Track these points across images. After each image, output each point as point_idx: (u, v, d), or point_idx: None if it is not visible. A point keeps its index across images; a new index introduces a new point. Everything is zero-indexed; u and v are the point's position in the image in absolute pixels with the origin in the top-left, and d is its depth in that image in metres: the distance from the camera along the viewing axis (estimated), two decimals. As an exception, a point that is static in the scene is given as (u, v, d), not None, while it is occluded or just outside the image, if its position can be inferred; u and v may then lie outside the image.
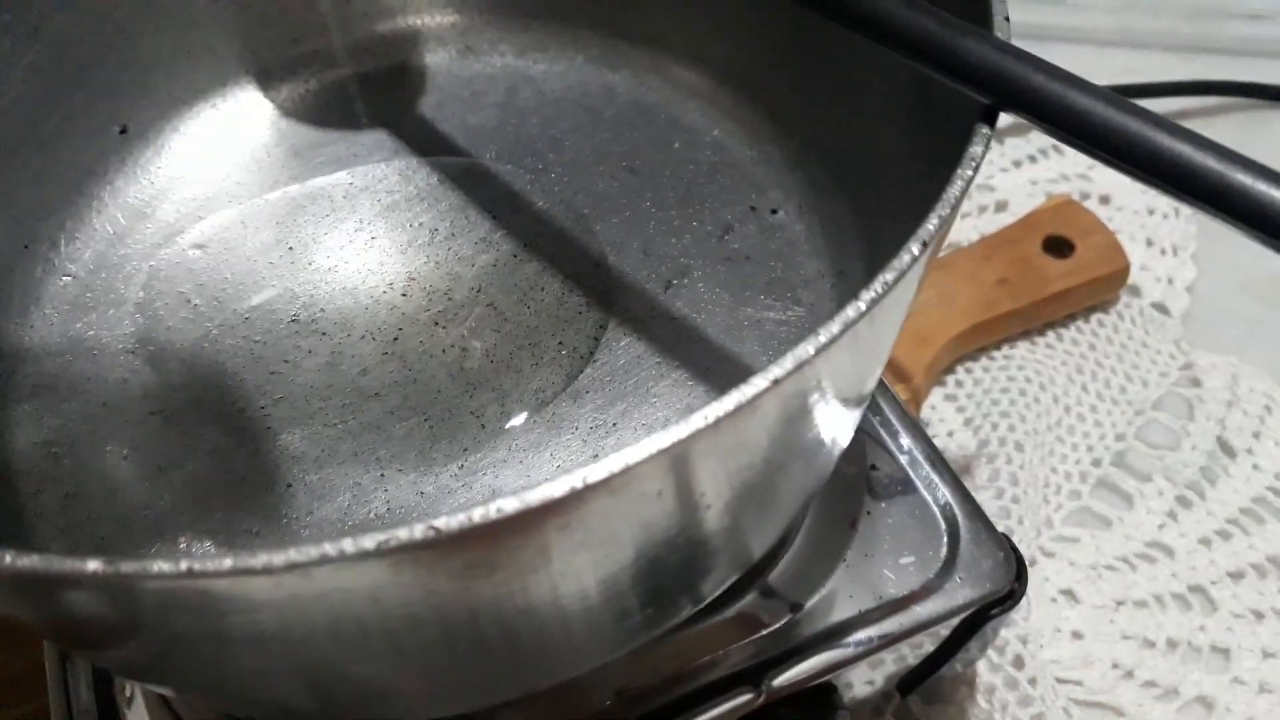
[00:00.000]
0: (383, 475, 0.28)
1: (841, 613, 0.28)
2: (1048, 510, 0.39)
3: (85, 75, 0.33)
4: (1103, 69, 0.52)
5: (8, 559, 0.14)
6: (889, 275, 0.17)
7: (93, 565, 0.14)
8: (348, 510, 0.27)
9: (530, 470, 0.28)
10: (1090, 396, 0.42)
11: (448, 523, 0.14)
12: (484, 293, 0.31)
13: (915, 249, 0.17)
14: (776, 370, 0.17)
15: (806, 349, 0.17)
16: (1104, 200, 0.48)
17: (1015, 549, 0.30)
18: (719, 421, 0.16)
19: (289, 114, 0.36)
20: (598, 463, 0.15)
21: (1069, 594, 0.37)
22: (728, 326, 0.30)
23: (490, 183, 0.34)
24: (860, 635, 0.28)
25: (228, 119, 0.36)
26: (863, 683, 0.33)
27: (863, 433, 0.32)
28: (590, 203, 0.33)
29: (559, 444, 0.28)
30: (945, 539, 0.30)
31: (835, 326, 0.17)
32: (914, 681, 0.32)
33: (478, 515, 0.14)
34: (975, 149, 0.19)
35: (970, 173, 0.19)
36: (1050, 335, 0.44)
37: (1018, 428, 0.40)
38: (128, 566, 0.14)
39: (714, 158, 0.34)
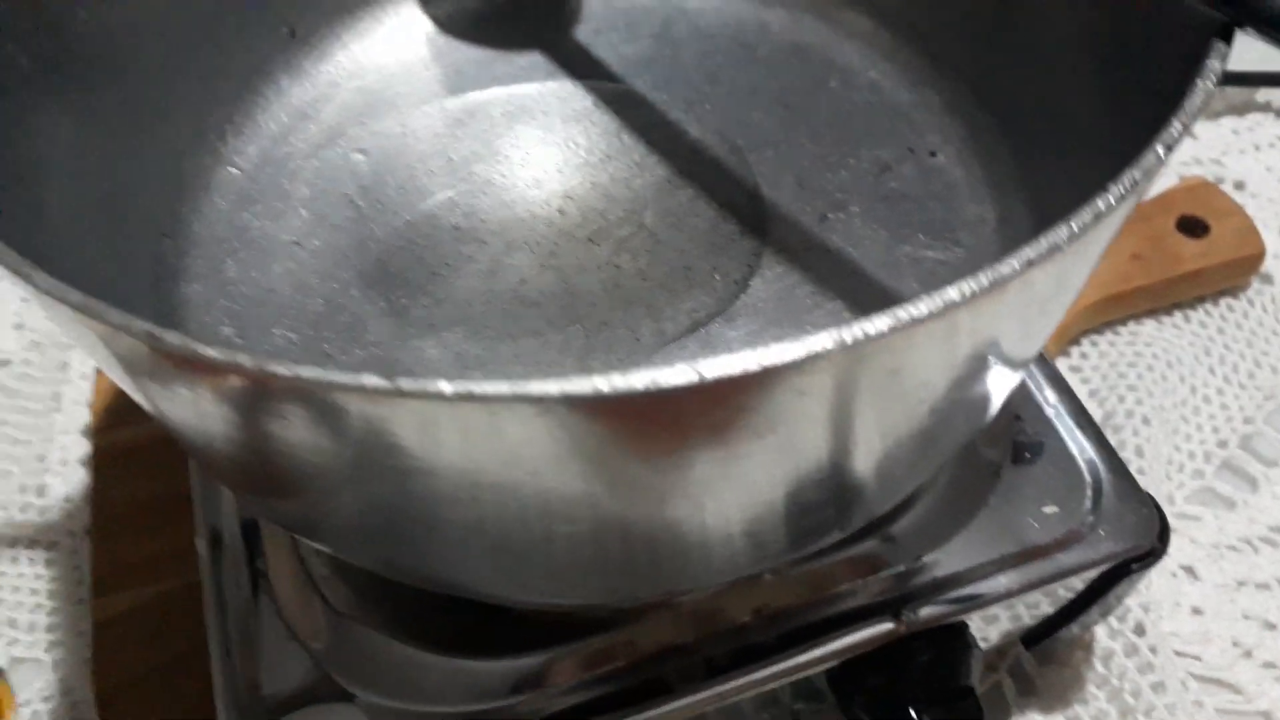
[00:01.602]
0: (540, 380, 0.28)
1: (984, 554, 0.28)
2: (1170, 487, 0.38)
3: (261, -25, 0.33)
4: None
5: (287, 370, 0.14)
6: (1127, 180, 0.17)
7: (370, 380, 0.14)
8: (508, 407, 0.27)
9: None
10: (1217, 379, 0.41)
11: (709, 368, 0.14)
12: (638, 215, 0.32)
13: (1160, 151, 0.17)
14: (999, 269, 0.16)
15: (1011, 263, 0.17)
16: (1239, 186, 0.48)
17: (1159, 507, 0.29)
18: (943, 311, 0.16)
19: (447, 30, 0.37)
20: (854, 323, 0.15)
21: (1189, 570, 0.36)
22: (885, 263, 0.30)
23: (645, 110, 0.34)
24: (1002, 578, 0.28)
25: (389, 31, 0.36)
26: (979, 638, 0.33)
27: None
28: (744, 135, 0.33)
29: (713, 363, 0.28)
30: (1090, 491, 0.29)
31: (1045, 242, 0.17)
32: (1038, 636, 0.32)
33: (738, 364, 0.14)
34: (1214, 62, 0.19)
35: (1211, 84, 0.18)
36: (1178, 315, 0.43)
37: (1145, 402, 0.39)
38: (408, 384, 0.14)
39: (871, 98, 0.34)
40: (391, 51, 0.36)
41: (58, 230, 0.24)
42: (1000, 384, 0.23)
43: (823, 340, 0.15)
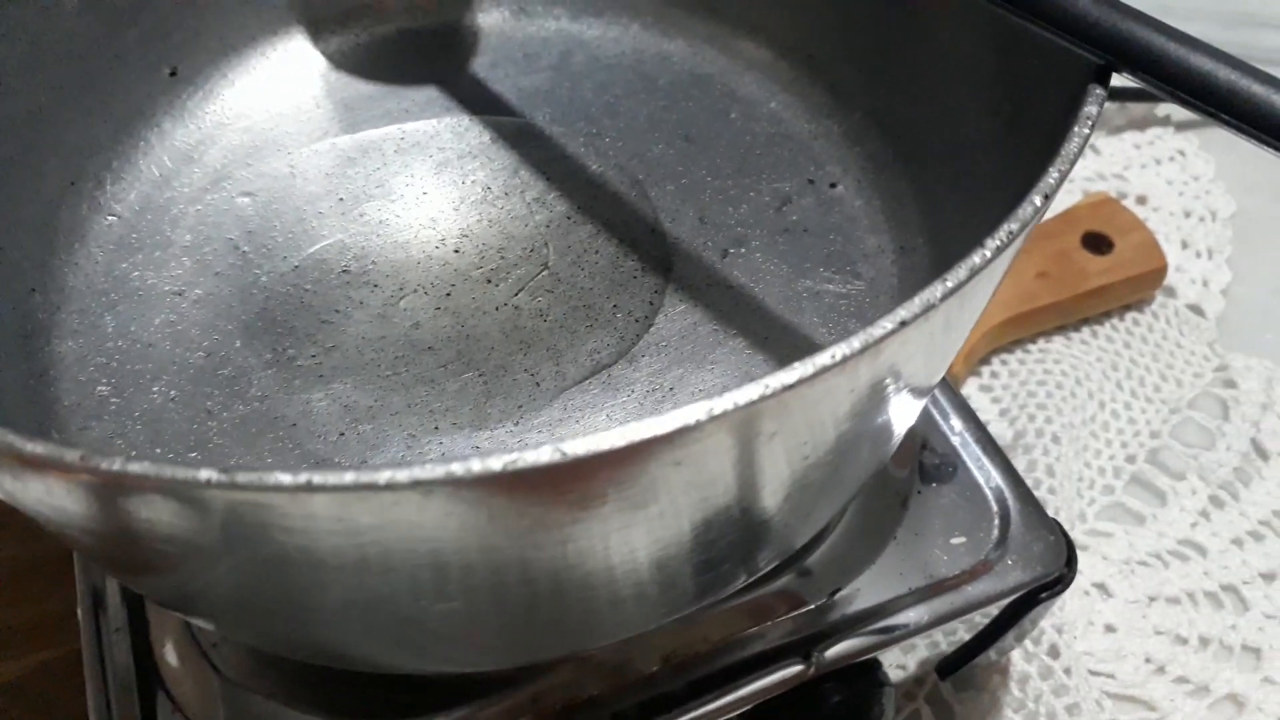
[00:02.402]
0: (437, 428, 0.27)
1: (892, 589, 0.28)
2: (1081, 504, 0.39)
3: (139, 13, 0.32)
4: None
5: (115, 465, 0.13)
6: (1004, 234, 0.17)
7: (206, 474, 0.13)
8: (401, 460, 0.26)
9: (586, 430, 0.27)
10: (1125, 394, 0.42)
11: (574, 447, 0.14)
12: (537, 253, 0.31)
13: (1037, 201, 0.17)
14: (872, 332, 0.16)
15: (902, 313, 0.17)
16: (1140, 200, 0.48)
17: (1066, 534, 0.29)
18: (813, 376, 0.16)
19: (339, 66, 0.36)
20: (725, 395, 0.14)
21: (1102, 588, 0.37)
22: (786, 297, 0.30)
23: (544, 144, 0.34)
24: (911, 613, 0.28)
25: (277, 68, 0.35)
26: (894, 666, 0.32)
27: (914, 412, 0.32)
28: (645, 169, 0.33)
29: (615, 405, 0.28)
30: (997, 521, 0.29)
31: (936, 291, 0.17)
32: (952, 666, 0.32)
33: (604, 441, 0.14)
34: (1090, 109, 0.19)
35: (1087, 131, 0.18)
36: (1085, 331, 0.44)
37: (1054, 420, 0.39)
38: (244, 477, 0.13)
39: (771, 130, 0.34)
40: (280, 89, 0.35)
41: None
42: (900, 418, 0.22)
43: (693, 413, 0.14)
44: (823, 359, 0.15)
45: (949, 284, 0.16)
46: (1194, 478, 0.39)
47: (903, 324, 0.15)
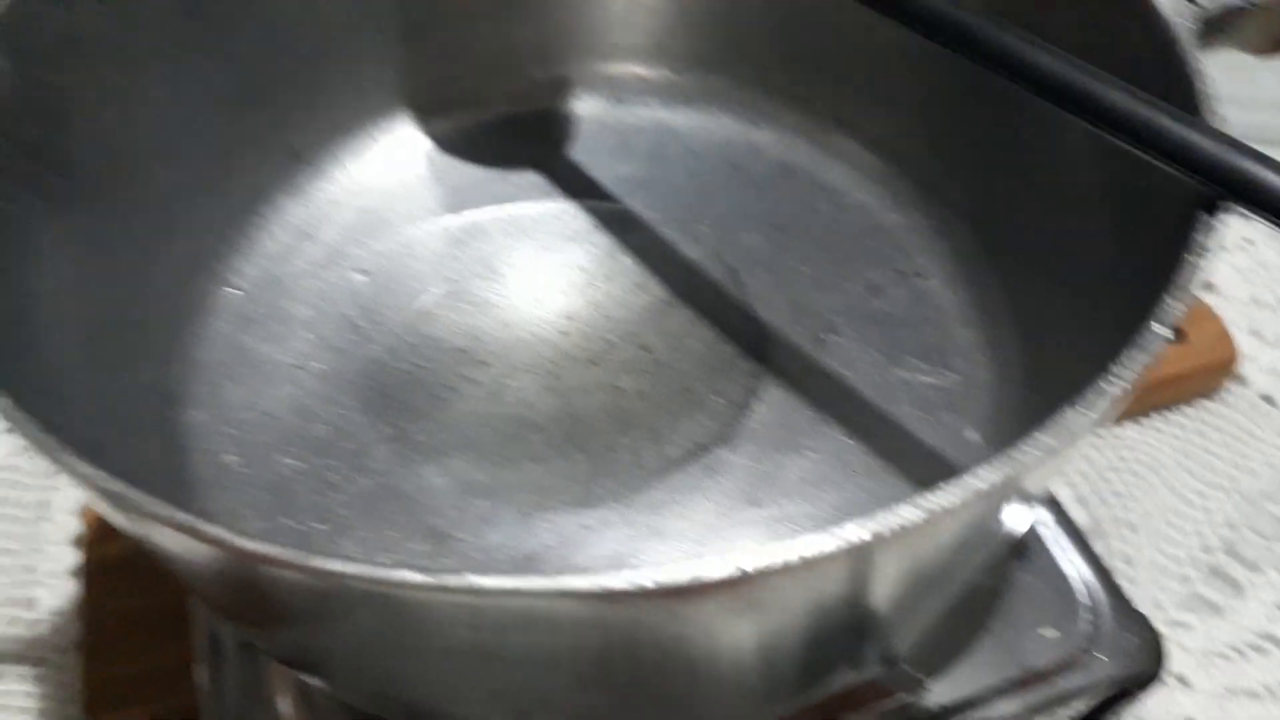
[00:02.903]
0: (546, 505, 0.28)
1: (986, 680, 0.28)
2: (1159, 594, 0.39)
3: (265, 98, 0.34)
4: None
5: (275, 552, 0.15)
6: (1119, 379, 0.18)
7: (351, 568, 0.14)
8: (515, 538, 0.27)
9: (690, 513, 0.28)
10: (1199, 483, 0.42)
11: (753, 561, 0.15)
12: (638, 336, 0.32)
13: (1163, 331, 0.18)
14: (1019, 458, 0.17)
15: (1026, 451, 0.17)
16: (1208, 288, 0.49)
17: (1154, 629, 0.30)
18: (971, 501, 0.16)
19: (445, 149, 0.37)
20: (894, 509, 0.15)
21: (1182, 679, 0.37)
22: (880, 386, 0.31)
23: (640, 230, 0.35)
24: (1003, 704, 0.28)
25: (387, 149, 0.37)
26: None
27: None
28: (738, 256, 0.34)
29: (716, 489, 0.29)
30: (1088, 614, 0.30)
31: (1052, 436, 0.17)
32: (1037, 754, 0.32)
33: (782, 555, 0.15)
34: (1201, 238, 0.20)
35: (1201, 261, 0.19)
36: (1157, 419, 0.44)
37: (1131, 508, 0.40)
38: (394, 574, 0.14)
39: (860, 221, 0.35)
40: (390, 170, 0.36)
41: (69, 373, 0.24)
42: (1015, 524, 0.23)
43: (863, 530, 0.15)
44: (976, 483, 0.15)
45: (1092, 415, 0.17)
46: (1271, 570, 0.39)
47: (1050, 451, 0.16)
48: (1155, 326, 0.18)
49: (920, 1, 0.21)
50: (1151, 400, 0.44)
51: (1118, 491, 0.40)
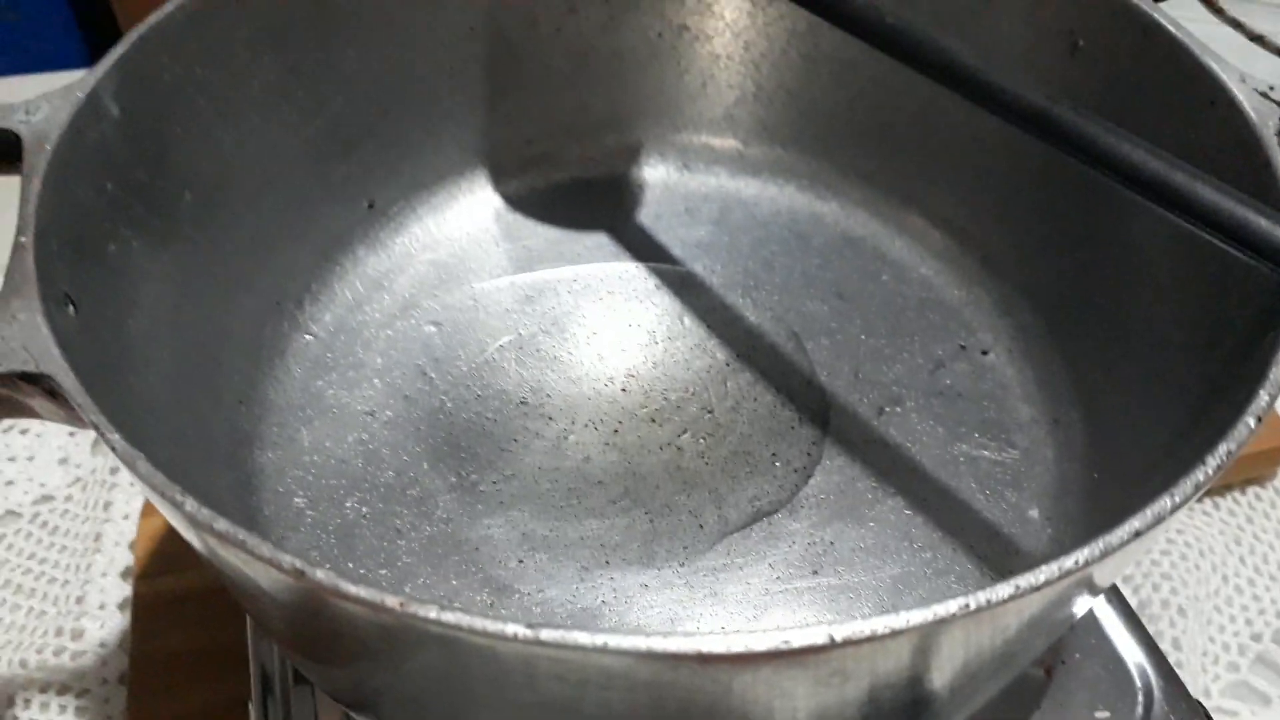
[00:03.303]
0: (607, 562, 0.29)
1: (1038, 759, 0.28)
2: (1206, 680, 0.38)
3: (349, 152, 0.35)
4: None
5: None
6: (1223, 454, 0.18)
7: (514, 629, 0.15)
8: (576, 593, 0.28)
9: (749, 578, 0.29)
10: (1248, 569, 0.42)
11: (841, 631, 0.15)
12: (698, 396, 0.33)
13: (1251, 423, 0.18)
14: (1109, 540, 0.17)
15: (1095, 549, 0.17)
16: (1260, 375, 0.49)
17: (1209, 715, 0.30)
18: (1059, 579, 0.16)
19: (517, 208, 0.38)
20: (981, 591, 0.15)
21: (1230, 769, 0.36)
22: (942, 460, 0.31)
23: (704, 293, 0.36)
24: (1057, 784, 0.28)
25: (463, 206, 0.38)
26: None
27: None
28: (801, 323, 0.35)
29: (776, 555, 0.29)
30: (1141, 697, 0.30)
31: (1126, 530, 0.17)
32: (1086, 839, 0.31)
33: (870, 628, 0.15)
34: (1286, 332, 0.20)
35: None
36: (1207, 503, 0.44)
37: (1180, 592, 0.40)
38: (549, 635, 0.15)
39: (922, 294, 0.36)
40: (464, 226, 0.37)
41: (157, 406, 0.25)
42: (1079, 610, 0.23)
43: (949, 607, 0.15)
44: (1067, 564, 0.16)
45: (1177, 499, 0.17)
46: (1323, 662, 0.39)
47: (1137, 534, 0.16)
48: (1248, 419, 0.18)
49: (1004, 90, 0.22)
50: (1203, 485, 0.44)
51: (1166, 574, 0.40)
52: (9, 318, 0.19)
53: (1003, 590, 0.15)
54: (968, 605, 0.15)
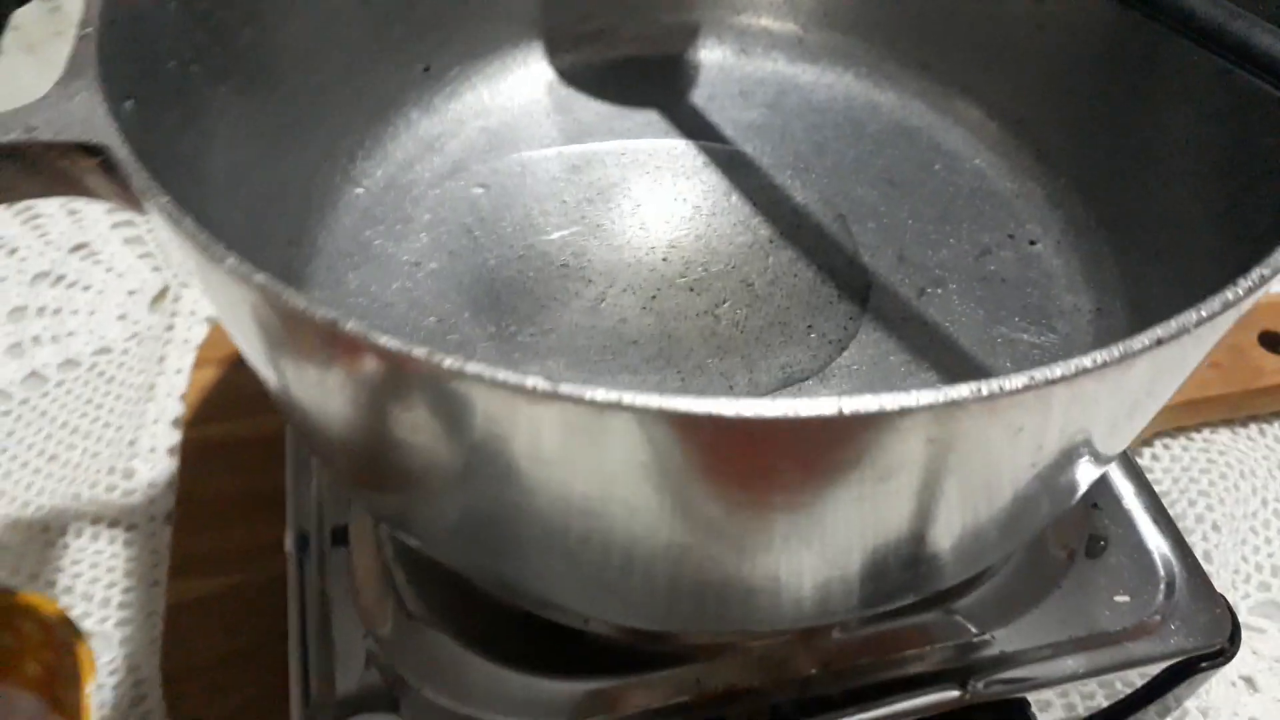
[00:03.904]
0: (637, 415, 0.29)
1: (1053, 635, 0.29)
2: (1235, 596, 0.38)
3: (408, 13, 0.35)
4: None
5: (447, 362, 0.16)
6: (1231, 294, 0.18)
7: (532, 381, 0.15)
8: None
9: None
10: (1289, 495, 0.41)
11: (853, 404, 0.15)
12: (738, 270, 0.33)
13: (1266, 271, 0.18)
14: (1125, 347, 0.17)
15: (1142, 340, 0.17)
16: (1321, 308, 0.48)
17: (1231, 609, 0.29)
18: (1075, 376, 0.16)
19: (570, 82, 0.39)
20: (993, 379, 0.16)
21: (1249, 681, 0.36)
22: (980, 341, 0.31)
23: (753, 173, 0.36)
24: (1069, 661, 0.28)
25: (517, 77, 0.38)
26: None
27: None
28: (848, 205, 0.35)
29: (805, 418, 0.29)
30: (1163, 585, 0.30)
31: (1162, 330, 0.17)
32: (1097, 727, 0.32)
33: (879, 403, 0.15)
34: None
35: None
36: (1253, 428, 0.43)
37: (1216, 509, 0.39)
38: (567, 389, 0.15)
39: (974, 184, 0.35)
40: (517, 97, 0.38)
41: (211, 223, 0.26)
42: (1085, 473, 0.23)
43: (960, 391, 0.15)
44: (1084, 362, 0.16)
45: (1204, 313, 0.17)
46: (1357, 588, 0.38)
47: (1159, 341, 0.16)
48: (1261, 269, 0.18)
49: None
50: (1249, 407, 0.43)
51: (1204, 491, 0.40)
52: (68, 95, 0.20)
53: (1017, 380, 0.15)
54: (979, 390, 0.15)
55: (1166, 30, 0.22)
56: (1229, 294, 0.17)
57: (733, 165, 0.36)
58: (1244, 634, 0.37)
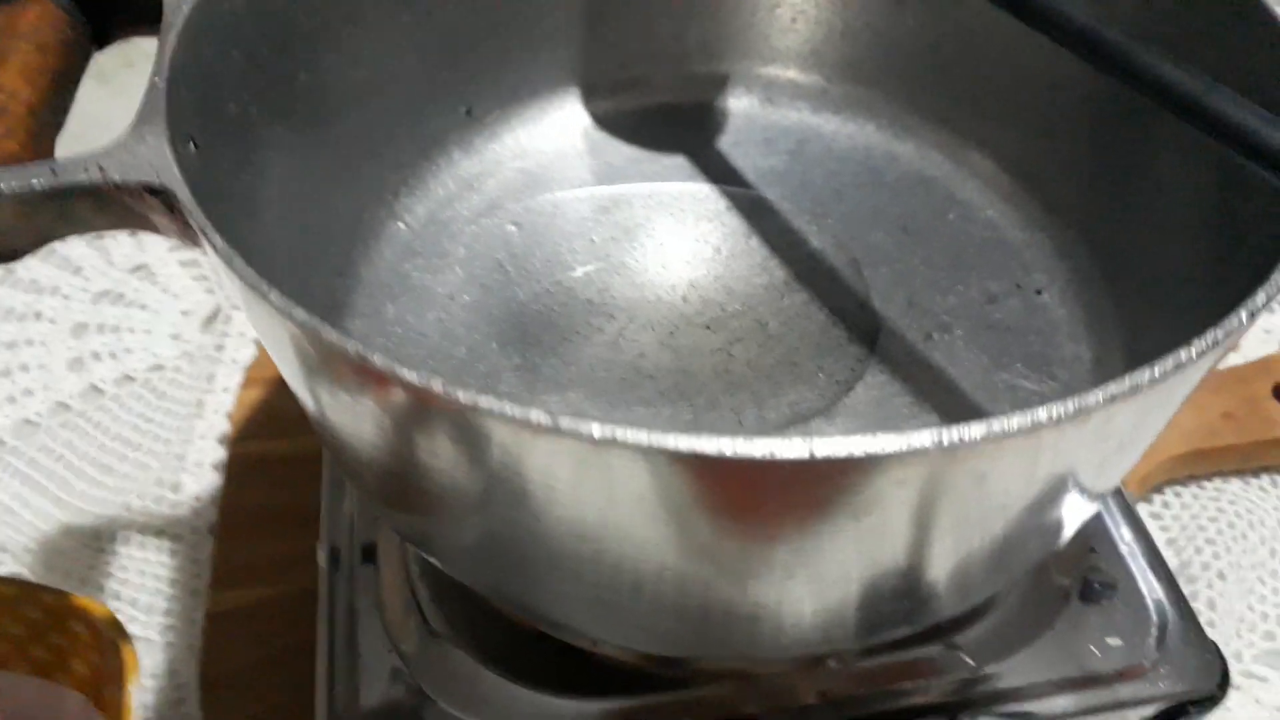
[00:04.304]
0: (650, 445, 0.31)
1: (1043, 674, 0.30)
2: (1239, 644, 0.39)
3: (455, 60, 0.38)
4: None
5: (462, 396, 0.17)
6: (1204, 342, 0.19)
7: (535, 415, 0.17)
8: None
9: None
10: (1300, 546, 0.41)
11: (823, 447, 0.17)
12: (753, 310, 0.35)
13: (1244, 316, 0.19)
14: (1070, 404, 0.18)
15: (1096, 395, 0.18)
16: (1340, 363, 0.48)
17: (1221, 655, 0.30)
18: (1032, 429, 0.18)
19: (604, 126, 0.41)
20: (954, 426, 0.17)
21: (1252, 730, 0.37)
22: (982, 386, 0.32)
23: (772, 217, 0.38)
24: (1061, 699, 0.29)
25: (554, 121, 0.40)
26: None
27: (1087, 514, 0.33)
28: (863, 251, 0.36)
29: (810, 454, 0.31)
30: (1155, 630, 0.31)
31: (1128, 381, 0.18)
32: (1089, 767, 0.33)
33: (849, 447, 0.17)
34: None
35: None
36: (1265, 479, 0.44)
37: (1222, 557, 0.40)
38: (566, 423, 0.17)
39: (985, 234, 0.37)
40: (553, 139, 0.40)
41: (263, 256, 0.28)
42: (1075, 511, 0.25)
43: (923, 438, 0.17)
44: (1040, 415, 0.17)
45: (1156, 372, 0.18)
46: (1364, 642, 0.39)
47: (1112, 398, 0.18)
48: (1240, 312, 0.19)
49: (1057, 10, 0.23)
50: (1260, 458, 0.43)
51: (1211, 539, 0.41)
52: (140, 139, 0.22)
53: (975, 430, 0.17)
54: (939, 438, 0.17)
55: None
56: (1182, 354, 0.18)
57: (753, 209, 0.38)
58: (1247, 682, 0.38)
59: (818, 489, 0.19)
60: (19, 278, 0.51)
